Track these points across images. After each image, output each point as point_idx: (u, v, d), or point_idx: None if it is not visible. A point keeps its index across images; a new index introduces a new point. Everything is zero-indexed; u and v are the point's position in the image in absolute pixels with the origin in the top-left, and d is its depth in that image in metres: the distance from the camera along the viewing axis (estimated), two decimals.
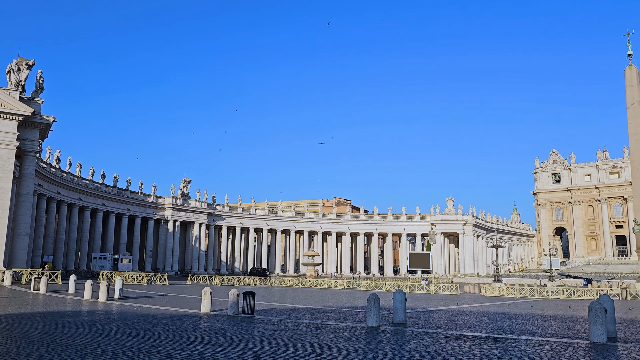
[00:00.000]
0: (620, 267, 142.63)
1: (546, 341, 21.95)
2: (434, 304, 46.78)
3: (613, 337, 22.94)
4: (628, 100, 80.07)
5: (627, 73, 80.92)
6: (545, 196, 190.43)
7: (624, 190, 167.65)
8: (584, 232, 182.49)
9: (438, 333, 23.80)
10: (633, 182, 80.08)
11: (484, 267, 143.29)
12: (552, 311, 40.52)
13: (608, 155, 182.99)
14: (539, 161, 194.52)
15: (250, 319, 28.17)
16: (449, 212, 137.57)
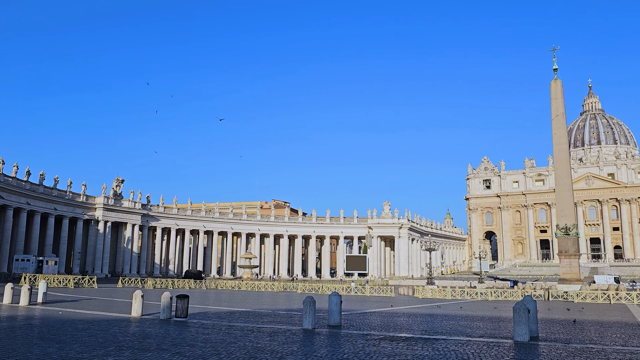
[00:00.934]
0: (543, 270, 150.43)
1: (474, 341, 22.74)
2: (369, 306, 47.45)
3: (535, 336, 24.08)
4: (553, 112, 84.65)
5: (552, 86, 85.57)
6: (477, 201, 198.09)
7: (548, 197, 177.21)
8: (512, 236, 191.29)
9: (372, 335, 24.13)
10: (556, 190, 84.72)
11: (418, 269, 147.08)
12: (481, 312, 42.09)
13: (534, 163, 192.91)
14: (471, 168, 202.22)
15: (183, 322, 27.48)
16: (385, 216, 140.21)
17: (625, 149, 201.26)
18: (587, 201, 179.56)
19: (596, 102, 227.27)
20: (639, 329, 29.36)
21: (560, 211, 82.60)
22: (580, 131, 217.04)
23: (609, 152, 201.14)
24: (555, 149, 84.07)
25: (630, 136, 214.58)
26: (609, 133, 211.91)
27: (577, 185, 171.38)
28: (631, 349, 21.29)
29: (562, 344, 22.08)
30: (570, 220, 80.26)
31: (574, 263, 79.63)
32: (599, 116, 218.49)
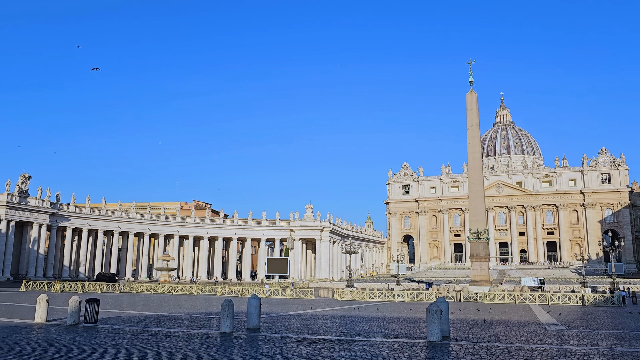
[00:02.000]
0: (456, 272, 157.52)
1: (389, 342, 23.32)
2: (289, 308, 47.44)
3: (447, 336, 25.09)
4: (468, 122, 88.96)
5: (468, 98, 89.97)
6: (396, 206, 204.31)
7: (462, 203, 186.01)
8: (428, 240, 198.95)
9: (290, 337, 24.10)
10: (470, 196, 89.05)
11: (339, 272, 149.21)
12: (397, 313, 43.31)
13: (450, 170, 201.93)
14: (391, 173, 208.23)
15: (92, 328, 26.08)
16: (307, 219, 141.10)
17: (531, 159, 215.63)
18: (497, 207, 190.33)
19: (507, 115, 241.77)
20: (540, 327, 31.39)
21: (472, 216, 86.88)
22: (492, 141, 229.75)
23: (518, 161, 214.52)
24: (470, 157, 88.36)
25: (536, 147, 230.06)
26: (518, 144, 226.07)
27: (489, 192, 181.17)
28: (532, 346, 22.70)
29: (471, 343, 23.14)
30: (481, 225, 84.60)
31: (484, 266, 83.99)
32: (509, 128, 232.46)
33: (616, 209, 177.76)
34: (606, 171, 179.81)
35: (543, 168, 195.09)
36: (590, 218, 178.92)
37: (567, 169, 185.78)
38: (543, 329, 30.73)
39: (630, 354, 20.38)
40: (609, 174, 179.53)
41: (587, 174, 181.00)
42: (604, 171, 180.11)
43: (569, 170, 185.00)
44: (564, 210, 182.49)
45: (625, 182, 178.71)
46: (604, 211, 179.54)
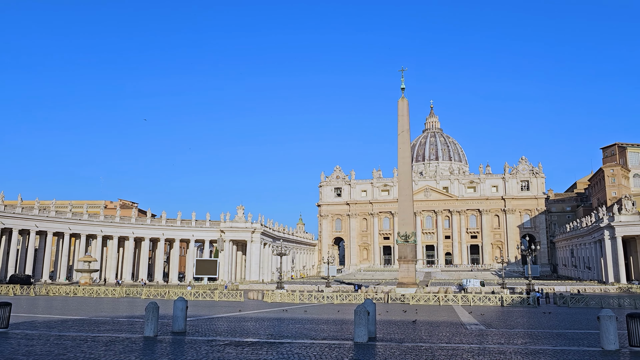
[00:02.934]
0: (385, 274, 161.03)
1: (317, 343, 23.38)
2: (217, 311, 46.59)
3: (373, 337, 25.49)
4: (399, 127, 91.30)
5: (399, 104, 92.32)
6: (328, 208, 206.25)
7: (392, 207, 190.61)
8: (358, 242, 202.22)
9: (217, 340, 23.63)
10: (399, 200, 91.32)
11: (269, 274, 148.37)
12: (326, 315, 43.59)
13: (381, 174, 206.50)
14: (324, 176, 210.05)
15: (2, 334, 24.38)
16: (239, 220, 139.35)
17: (458, 166, 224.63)
18: (425, 211, 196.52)
19: (436, 122, 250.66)
20: (461, 327, 32.60)
21: (401, 220, 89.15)
22: (422, 147, 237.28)
23: (445, 167, 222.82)
24: (400, 162, 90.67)
25: (463, 154, 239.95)
26: (446, 151, 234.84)
27: (417, 197, 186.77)
28: (454, 345, 23.52)
29: (396, 344, 23.64)
30: (409, 229, 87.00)
31: (411, 268, 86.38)
32: (438, 135, 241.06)
33: (533, 215, 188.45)
34: (525, 179, 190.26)
35: (468, 174, 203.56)
36: (510, 223, 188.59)
37: (490, 175, 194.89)
38: (464, 328, 31.91)
39: (542, 352, 21.56)
40: (527, 181, 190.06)
41: (508, 181, 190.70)
42: (523, 179, 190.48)
43: (491, 177, 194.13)
44: (487, 215, 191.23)
45: (542, 190, 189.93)
46: (522, 216, 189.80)
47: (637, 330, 21.47)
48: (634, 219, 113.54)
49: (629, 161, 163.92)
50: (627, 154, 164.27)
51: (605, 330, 21.72)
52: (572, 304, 62.08)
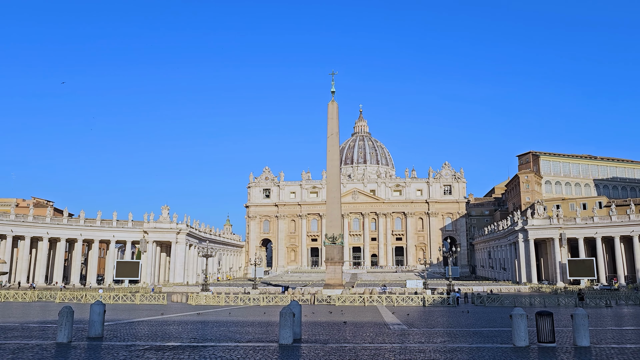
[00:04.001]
0: (312, 276, 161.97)
1: (241, 346, 23.09)
2: (137, 314, 44.93)
3: (298, 339, 25.53)
4: (329, 130, 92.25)
5: (329, 107, 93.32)
6: (256, 209, 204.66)
7: (320, 209, 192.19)
8: (286, 244, 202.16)
9: (137, 345, 22.76)
10: (327, 202, 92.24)
11: (194, 276, 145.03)
12: (252, 317, 43.18)
13: (310, 176, 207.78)
14: (253, 177, 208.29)
15: None
16: (163, 220, 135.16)
17: (385, 169, 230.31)
18: (353, 214, 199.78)
19: (365, 126, 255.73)
20: (385, 328, 33.34)
21: (329, 222, 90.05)
22: (350, 150, 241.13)
23: (373, 171, 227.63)
24: (329, 165, 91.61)
25: (390, 158, 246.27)
26: (374, 154, 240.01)
27: (345, 199, 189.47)
28: (377, 345, 24.00)
29: (321, 345, 23.79)
30: (337, 231, 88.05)
31: (338, 270, 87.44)
32: (366, 138, 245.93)
33: (455, 218, 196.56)
34: (448, 183, 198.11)
35: (395, 178, 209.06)
36: (433, 226, 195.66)
37: (416, 180, 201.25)
38: (387, 329, 32.66)
39: (459, 349, 22.46)
40: (450, 185, 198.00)
41: (432, 185, 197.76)
42: (446, 183, 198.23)
43: (416, 181, 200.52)
44: (411, 218, 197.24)
45: (463, 194, 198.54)
46: (444, 219, 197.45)
47: (545, 327, 22.88)
48: (545, 222, 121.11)
49: (542, 168, 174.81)
50: (540, 161, 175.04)
51: (517, 327, 22.95)
52: (488, 304, 65.20)
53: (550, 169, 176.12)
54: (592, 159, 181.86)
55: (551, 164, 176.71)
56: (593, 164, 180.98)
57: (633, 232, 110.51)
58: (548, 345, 22.55)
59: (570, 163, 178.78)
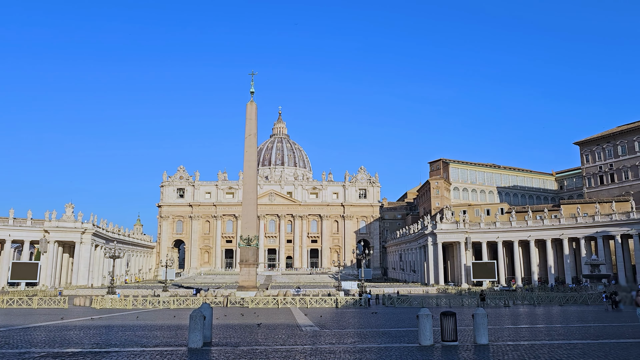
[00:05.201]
0: (226, 278, 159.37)
1: (148, 351, 22.20)
2: (34, 319, 41.96)
3: (209, 342, 24.97)
4: (247, 131, 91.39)
5: (248, 108, 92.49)
6: (169, 209, 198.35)
7: (236, 210, 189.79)
8: (200, 245, 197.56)
9: (32, 352, 21.22)
10: (243, 203, 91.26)
11: (100, 278, 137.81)
12: (160, 321, 41.73)
13: (227, 177, 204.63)
14: (167, 175, 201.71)
15: None
16: (67, 219, 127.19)
17: (302, 172, 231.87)
18: (269, 215, 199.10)
19: (283, 128, 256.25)
20: (297, 329, 33.45)
21: (245, 223, 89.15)
22: (268, 152, 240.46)
23: (290, 173, 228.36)
24: (246, 166, 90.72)
25: (307, 161, 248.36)
26: (292, 156, 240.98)
27: (262, 201, 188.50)
28: (288, 347, 24.00)
29: (231, 348, 23.41)
30: (252, 232, 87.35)
31: (252, 271, 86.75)
32: (285, 140, 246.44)
33: (369, 221, 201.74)
34: (363, 187, 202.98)
35: (312, 181, 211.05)
36: (348, 228, 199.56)
37: (332, 183, 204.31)
38: (300, 330, 32.79)
39: (368, 349, 22.99)
40: (365, 189, 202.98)
41: (348, 188, 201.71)
42: (361, 187, 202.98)
43: (333, 185, 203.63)
44: (327, 221, 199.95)
45: (378, 198, 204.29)
46: (359, 223, 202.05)
47: (448, 327, 23.98)
48: (452, 227, 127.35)
49: (451, 175, 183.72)
50: (449, 168, 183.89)
51: (423, 327, 23.88)
52: (398, 305, 67.42)
53: (458, 176, 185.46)
54: (496, 168, 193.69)
55: (459, 172, 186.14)
56: (497, 173, 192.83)
57: (530, 237, 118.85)
58: (451, 344, 23.64)
59: (476, 171, 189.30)
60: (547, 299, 73.80)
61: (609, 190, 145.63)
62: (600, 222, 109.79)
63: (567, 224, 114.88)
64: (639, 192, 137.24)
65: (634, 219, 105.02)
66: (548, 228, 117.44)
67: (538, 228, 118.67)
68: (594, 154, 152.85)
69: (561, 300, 72.74)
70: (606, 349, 22.88)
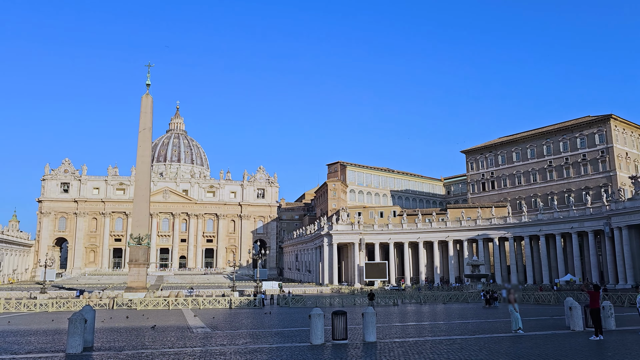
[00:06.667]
0: (113, 278, 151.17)
1: (19, 358, 20.38)
2: None
3: (90, 347, 23.44)
4: (141, 124, 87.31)
5: (143, 100, 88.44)
6: (51, 205, 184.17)
7: (127, 207, 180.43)
8: (85, 243, 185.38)
9: None
10: (135, 200, 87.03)
11: None
12: (36, 325, 38.57)
13: (118, 172, 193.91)
14: (49, 168, 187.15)
15: None
16: None
17: (199, 170, 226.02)
18: (162, 213, 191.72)
19: (181, 123, 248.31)
20: (187, 331, 32.45)
21: (136, 221, 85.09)
22: (164, 147, 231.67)
23: (187, 170, 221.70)
24: (139, 161, 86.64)
25: (205, 158, 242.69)
26: (189, 153, 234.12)
27: (155, 198, 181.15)
28: (177, 349, 23.16)
29: (115, 352, 22.14)
30: (144, 231, 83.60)
31: (142, 272, 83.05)
32: (182, 136, 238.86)
33: (266, 221, 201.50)
34: (262, 187, 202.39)
35: (209, 179, 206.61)
36: (245, 228, 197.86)
37: (230, 182, 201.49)
38: (190, 332, 31.84)
39: (260, 350, 22.82)
40: (263, 189, 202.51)
41: (246, 188, 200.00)
42: (260, 187, 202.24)
43: (231, 184, 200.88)
44: (224, 220, 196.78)
45: (276, 198, 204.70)
46: (256, 222, 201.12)
47: (339, 325, 24.50)
48: (348, 228, 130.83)
49: (348, 178, 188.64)
50: (346, 171, 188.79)
51: (314, 326, 24.18)
52: (292, 305, 67.88)
53: (355, 179, 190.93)
54: (390, 172, 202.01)
55: (356, 174, 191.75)
56: (391, 177, 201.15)
57: (419, 239, 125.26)
58: (341, 342, 24.16)
59: (372, 174, 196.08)
60: (432, 298, 78.14)
61: (490, 197, 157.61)
62: (481, 225, 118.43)
63: (452, 227, 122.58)
64: (515, 198, 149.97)
65: (509, 224, 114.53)
66: (435, 230, 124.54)
67: (427, 230, 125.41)
68: (477, 162, 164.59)
69: (445, 298, 77.38)
70: (481, 343, 24.60)
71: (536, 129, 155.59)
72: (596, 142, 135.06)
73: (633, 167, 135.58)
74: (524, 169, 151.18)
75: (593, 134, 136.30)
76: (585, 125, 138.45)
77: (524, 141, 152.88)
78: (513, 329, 28.74)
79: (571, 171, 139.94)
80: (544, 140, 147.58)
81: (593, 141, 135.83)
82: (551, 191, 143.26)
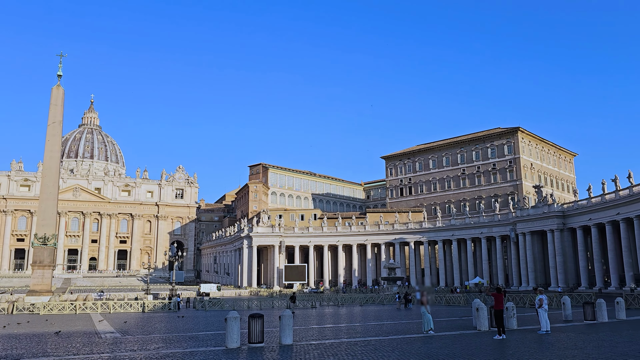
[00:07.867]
0: (14, 281, 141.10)
1: None
2: None
3: None
4: (50, 118, 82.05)
5: (54, 92, 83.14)
6: None
7: (32, 204, 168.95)
8: None
9: None
10: (41, 198, 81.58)
11: None
12: None
13: (23, 167, 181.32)
14: None
15: None
16: None
17: (114, 167, 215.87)
18: (72, 212, 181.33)
19: (95, 118, 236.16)
20: (95, 337, 30.79)
21: (41, 220, 79.77)
22: (76, 143, 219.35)
23: (100, 167, 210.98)
24: (47, 156, 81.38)
25: (121, 156, 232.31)
26: (103, 150, 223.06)
27: (64, 196, 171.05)
28: (83, 356, 21.89)
29: None
30: (50, 231, 78.52)
31: (47, 274, 77.90)
32: (96, 132, 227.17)
33: (185, 222, 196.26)
34: (181, 187, 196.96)
35: (125, 177, 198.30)
36: (162, 229, 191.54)
37: (147, 181, 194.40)
38: (98, 337, 30.25)
39: (172, 355, 22.06)
40: (182, 189, 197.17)
41: (164, 187, 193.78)
42: (179, 187, 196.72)
43: (148, 183, 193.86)
44: (139, 220, 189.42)
45: (195, 199, 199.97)
46: (174, 223, 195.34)
47: (255, 329, 24.23)
48: (268, 230, 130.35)
49: (270, 180, 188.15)
50: (269, 173, 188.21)
51: (230, 330, 23.75)
52: (209, 308, 66.45)
53: (277, 181, 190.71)
54: (312, 175, 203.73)
55: (278, 177, 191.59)
56: (312, 180, 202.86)
57: (338, 242, 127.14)
58: (257, 345, 23.89)
59: (294, 177, 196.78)
60: (350, 300, 79.46)
61: (407, 202, 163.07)
62: (398, 229, 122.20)
63: (371, 231, 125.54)
64: (431, 204, 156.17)
65: (424, 228, 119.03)
66: (355, 234, 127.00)
67: (346, 234, 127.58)
68: (396, 168, 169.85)
69: (362, 300, 78.95)
70: (394, 344, 25.25)
71: (452, 137, 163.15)
72: (505, 152, 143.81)
73: (537, 177, 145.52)
74: (439, 176, 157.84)
75: (502, 145, 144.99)
76: (496, 137, 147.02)
77: (440, 149, 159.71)
78: (424, 330, 29.73)
79: (482, 179, 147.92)
80: (458, 149, 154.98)
81: (502, 152, 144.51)
82: (464, 198, 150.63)
